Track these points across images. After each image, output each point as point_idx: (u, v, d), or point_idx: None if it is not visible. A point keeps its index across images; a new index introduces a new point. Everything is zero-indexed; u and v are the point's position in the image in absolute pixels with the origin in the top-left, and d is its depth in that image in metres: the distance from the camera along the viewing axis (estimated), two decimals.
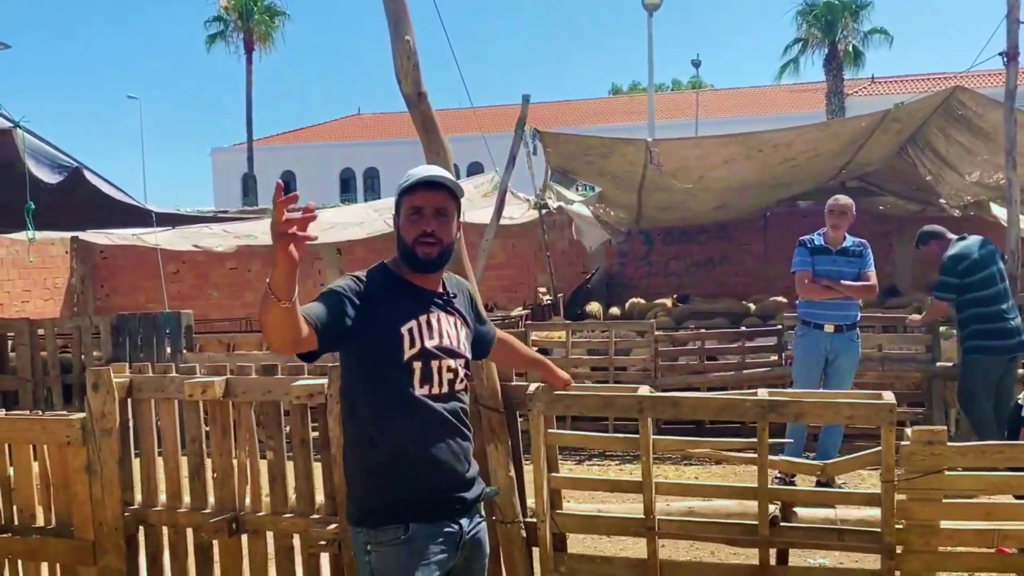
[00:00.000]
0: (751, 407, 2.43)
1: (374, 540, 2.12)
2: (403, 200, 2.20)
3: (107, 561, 3.09)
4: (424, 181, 2.17)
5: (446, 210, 2.19)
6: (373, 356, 2.14)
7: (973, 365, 5.36)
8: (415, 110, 2.62)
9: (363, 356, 2.14)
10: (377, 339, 2.12)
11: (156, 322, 7.48)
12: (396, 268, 2.23)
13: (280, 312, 1.87)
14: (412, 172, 2.22)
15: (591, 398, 2.57)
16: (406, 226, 2.18)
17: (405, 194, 2.19)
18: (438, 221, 2.17)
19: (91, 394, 3.10)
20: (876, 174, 9.43)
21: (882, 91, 31.81)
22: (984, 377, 5.31)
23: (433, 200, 2.17)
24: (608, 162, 7.64)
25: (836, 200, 5.56)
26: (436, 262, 2.20)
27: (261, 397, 3.04)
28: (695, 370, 6.70)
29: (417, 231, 2.15)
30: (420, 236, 2.15)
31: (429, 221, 2.16)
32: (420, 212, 2.16)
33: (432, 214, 2.17)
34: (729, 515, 2.65)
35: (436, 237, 2.16)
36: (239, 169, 35.11)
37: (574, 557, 2.75)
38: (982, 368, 5.33)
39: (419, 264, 2.18)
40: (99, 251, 14.10)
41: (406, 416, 2.13)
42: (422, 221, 2.16)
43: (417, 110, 2.61)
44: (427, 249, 2.16)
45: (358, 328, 2.08)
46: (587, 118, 33.35)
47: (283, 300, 1.86)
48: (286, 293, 1.86)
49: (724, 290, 12.22)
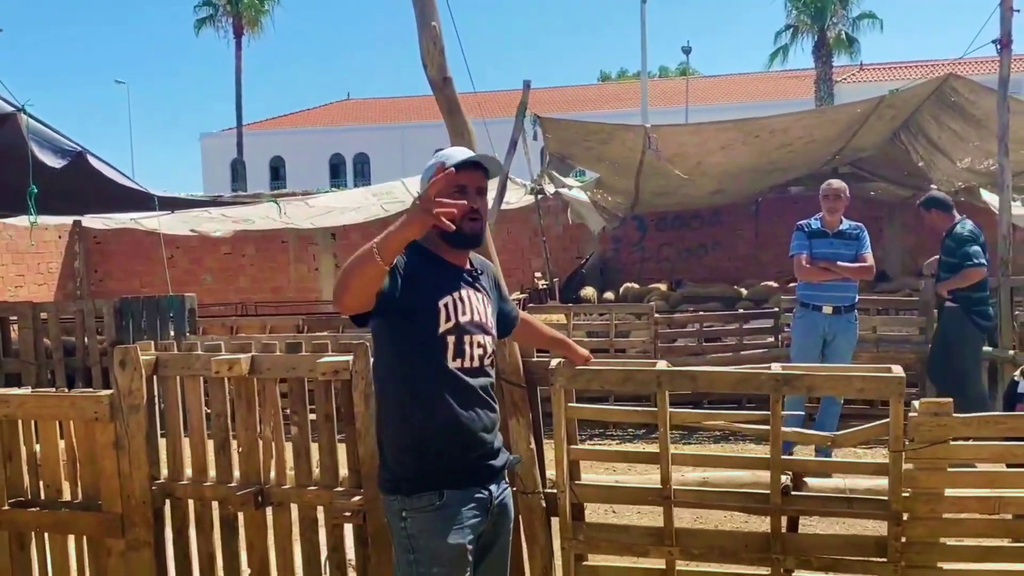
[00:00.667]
0: (766, 380, 2.53)
1: (409, 507, 2.22)
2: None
3: (135, 533, 3.18)
4: (472, 161, 2.27)
5: (484, 189, 2.31)
6: (410, 328, 2.23)
7: (973, 341, 5.52)
8: (440, 94, 2.70)
9: (400, 328, 2.23)
10: (416, 312, 2.21)
11: (159, 306, 7.54)
12: (429, 245, 2.30)
13: (377, 271, 2.01)
14: (448, 153, 2.31)
15: (611, 372, 2.67)
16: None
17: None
18: (480, 199, 2.29)
19: (118, 371, 3.18)
20: (868, 160, 9.57)
21: (871, 78, 31.99)
22: (976, 354, 5.48)
23: (476, 179, 2.28)
24: (607, 148, 7.74)
25: (830, 184, 5.69)
26: (479, 238, 2.31)
27: (286, 373, 3.13)
28: (693, 352, 6.83)
29: (464, 208, 2.21)
30: (468, 212, 2.23)
31: (474, 198, 2.26)
32: (464, 190, 2.24)
33: (475, 192, 2.27)
34: (742, 485, 2.76)
35: (479, 213, 2.27)
36: (228, 155, 35.00)
37: (592, 526, 2.86)
38: (979, 345, 5.51)
39: (465, 240, 2.27)
40: (92, 236, 14.09)
41: (440, 388, 2.23)
42: (468, 199, 2.24)
43: (442, 94, 2.69)
44: (474, 225, 2.26)
45: (402, 299, 2.17)
46: (577, 105, 33.39)
47: (386, 262, 1.99)
48: (390, 257, 2.00)
49: (716, 275, 12.36)
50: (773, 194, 11.68)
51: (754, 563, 2.68)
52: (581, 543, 2.81)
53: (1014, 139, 6.64)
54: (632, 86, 38.37)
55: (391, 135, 35.79)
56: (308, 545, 3.16)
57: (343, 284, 2.06)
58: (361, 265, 2.01)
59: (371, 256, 1.98)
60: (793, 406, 5.49)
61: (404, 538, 2.23)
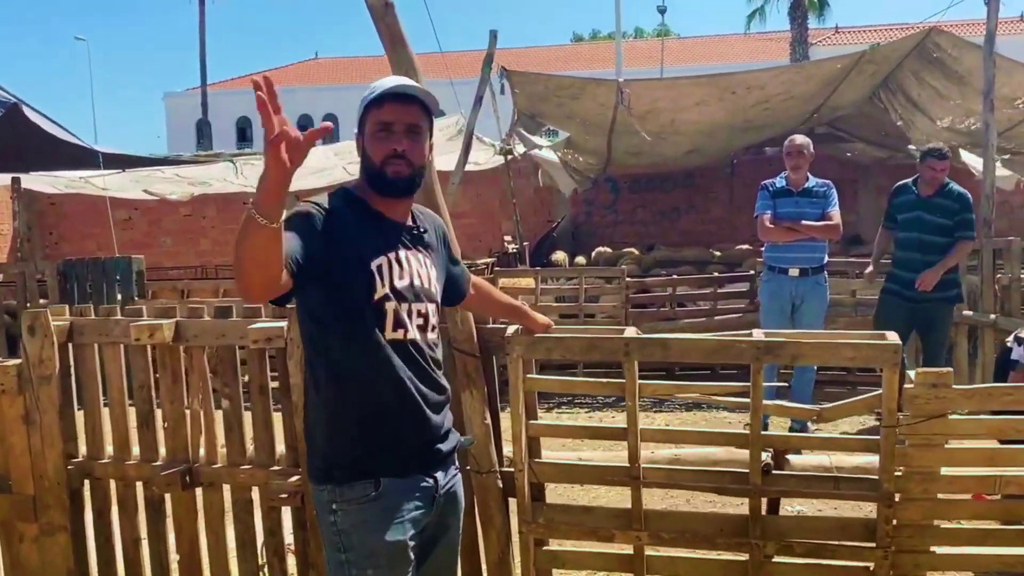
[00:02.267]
0: (746, 349, 2.26)
1: (340, 498, 1.90)
2: (369, 115, 1.92)
3: (49, 517, 2.87)
4: (394, 92, 1.90)
5: (419, 128, 1.94)
6: (338, 296, 1.88)
7: (952, 313, 5.33)
8: (381, 22, 2.37)
9: (326, 296, 1.87)
10: (344, 277, 1.86)
11: (105, 268, 7.15)
12: (361, 194, 1.97)
13: (267, 236, 1.57)
14: (378, 83, 1.96)
15: (574, 340, 2.38)
16: (373, 144, 1.91)
17: (371, 107, 1.92)
18: (409, 139, 1.91)
19: (27, 338, 2.84)
20: (845, 120, 9.33)
21: (846, 41, 31.71)
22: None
23: (404, 115, 1.91)
24: (578, 104, 7.40)
25: (792, 140, 5.42)
26: (408, 184, 1.94)
27: (215, 341, 2.81)
28: (666, 317, 6.59)
29: (386, 150, 1.89)
30: (390, 156, 1.89)
31: (400, 139, 1.90)
32: (389, 128, 1.90)
33: (403, 131, 1.91)
34: (717, 463, 2.51)
35: (407, 158, 1.91)
36: (193, 114, 34.05)
37: (553, 508, 2.59)
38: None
39: (388, 186, 1.92)
40: (46, 197, 13.55)
41: (375, 363, 1.91)
42: (392, 139, 1.90)
43: (383, 22, 2.36)
44: (397, 169, 1.90)
45: (326, 262, 1.82)
46: (550, 65, 32.72)
47: (271, 219, 1.55)
48: (274, 211, 1.56)
49: (690, 239, 12.14)
50: (748, 156, 11.44)
51: (731, 548, 2.44)
52: (541, 526, 2.55)
53: (998, 96, 6.40)
54: (606, 47, 37.83)
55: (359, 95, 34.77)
56: (242, 528, 2.87)
57: (239, 270, 1.62)
58: (245, 236, 1.57)
59: (251, 220, 1.55)
60: (768, 376, 5.29)
61: (334, 534, 1.92)
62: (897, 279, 5.25)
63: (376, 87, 1.94)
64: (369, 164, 1.93)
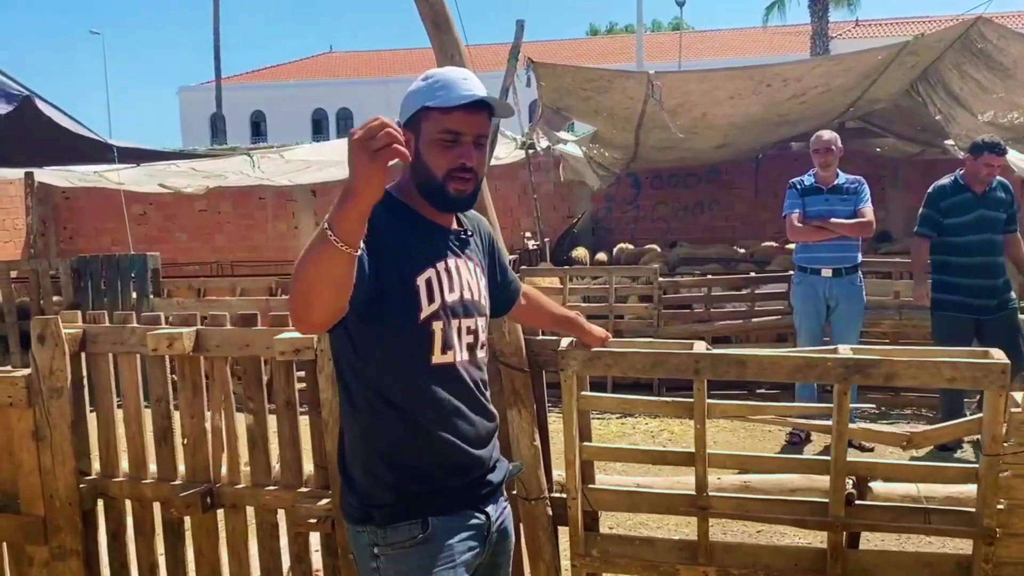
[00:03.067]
0: (833, 367, 2.03)
1: (383, 541, 1.67)
2: (431, 116, 1.66)
3: (60, 540, 2.66)
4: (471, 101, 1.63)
5: (484, 138, 1.70)
6: (381, 315, 1.63)
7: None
8: (425, 4, 2.14)
9: (366, 315, 1.62)
10: (388, 293, 1.62)
11: (120, 265, 6.96)
12: (404, 198, 1.72)
13: (343, 262, 1.37)
14: (442, 77, 1.68)
15: (636, 356, 2.15)
16: (435, 151, 1.66)
17: (436, 111, 1.65)
18: (477, 151, 1.67)
19: (37, 347, 2.64)
20: (880, 114, 9.03)
21: (867, 34, 31.33)
22: None
23: (475, 124, 1.66)
24: (606, 97, 7.14)
25: (819, 136, 5.17)
26: (470, 200, 1.72)
27: (239, 352, 2.59)
28: (700, 318, 6.33)
29: (453, 162, 1.65)
30: (457, 170, 1.65)
31: (469, 152, 1.65)
32: (458, 139, 1.65)
33: (472, 142, 1.66)
34: (794, 491, 2.27)
35: (474, 172, 1.67)
36: (207, 109, 33.94)
37: (609, 538, 2.37)
38: None
39: (449, 203, 1.69)
40: (61, 192, 13.41)
41: (423, 389, 1.68)
42: (460, 150, 1.65)
43: (427, 4, 2.13)
44: (462, 186, 1.67)
45: (376, 283, 1.58)
46: (568, 60, 32.50)
47: (350, 244, 1.35)
48: (355, 235, 1.35)
49: (713, 235, 11.87)
50: (775, 150, 11.16)
51: None
52: (595, 559, 2.32)
53: None
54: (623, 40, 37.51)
55: (375, 89, 34.79)
56: (267, 555, 2.66)
57: (303, 295, 1.41)
58: (321, 259, 1.36)
59: (327, 243, 1.34)
60: (806, 393, 5.04)
61: None
62: (958, 289, 4.81)
63: (444, 84, 1.66)
64: (426, 174, 1.68)
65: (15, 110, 5.96)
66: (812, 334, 5.11)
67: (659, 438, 5.44)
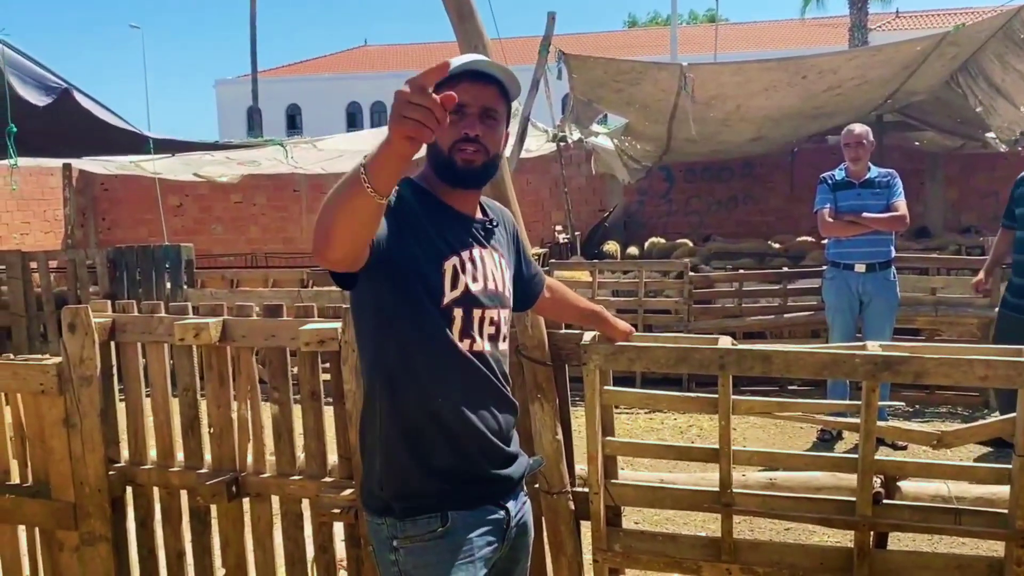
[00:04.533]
0: (860, 364, 1.98)
1: (402, 534, 1.67)
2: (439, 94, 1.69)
3: (90, 525, 2.70)
4: (471, 70, 1.65)
5: (495, 112, 1.69)
6: (402, 298, 1.63)
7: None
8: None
9: (388, 297, 1.64)
10: (410, 276, 1.62)
11: (155, 256, 7.06)
12: (428, 185, 1.73)
13: (369, 205, 1.36)
14: (453, 60, 1.72)
15: (660, 351, 2.12)
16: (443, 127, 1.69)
17: (443, 87, 1.63)
18: (484, 124, 1.67)
19: (67, 336, 2.67)
20: (918, 107, 8.85)
21: (907, 26, 30.74)
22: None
23: (481, 96, 1.66)
24: (638, 89, 7.08)
25: (850, 130, 5.09)
26: (479, 174, 1.70)
27: (264, 342, 2.61)
28: (731, 314, 6.26)
29: (457, 134, 1.65)
30: (460, 140, 1.65)
31: (473, 122, 1.65)
32: (462, 111, 1.64)
33: (478, 114, 1.66)
34: (820, 489, 2.23)
35: (481, 144, 1.66)
36: (244, 102, 34.29)
37: (631, 534, 2.34)
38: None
39: (457, 176, 1.68)
40: (100, 182, 13.63)
41: (444, 377, 1.67)
42: (464, 122, 1.65)
43: None
44: (469, 157, 1.66)
45: (395, 255, 1.59)
46: (604, 52, 32.30)
47: (380, 192, 1.35)
48: (387, 185, 1.36)
49: (747, 229, 11.74)
50: (810, 144, 11.00)
51: None
52: (617, 554, 2.30)
53: None
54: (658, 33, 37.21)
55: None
56: (292, 544, 2.67)
57: (325, 227, 1.41)
58: (347, 196, 1.37)
59: (358, 183, 1.34)
60: (839, 390, 4.96)
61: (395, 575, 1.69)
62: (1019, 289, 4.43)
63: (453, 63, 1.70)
64: (437, 151, 1.69)
65: (54, 102, 6.05)
66: (845, 330, 5.04)
67: (687, 434, 5.39)
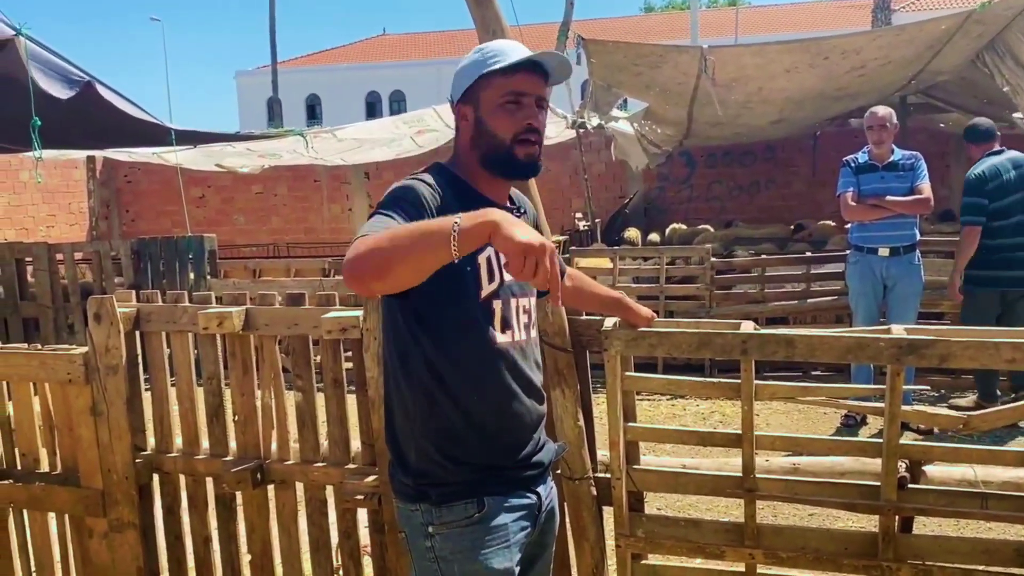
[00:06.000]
0: (885, 347, 1.96)
1: (437, 520, 1.66)
2: (491, 83, 1.66)
3: (118, 512, 2.74)
4: (532, 61, 1.64)
5: (545, 100, 1.69)
6: (440, 293, 1.61)
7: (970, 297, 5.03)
8: None
9: (425, 292, 1.57)
10: (450, 272, 1.56)
11: (178, 247, 7.12)
12: (462, 174, 1.71)
13: (440, 261, 1.36)
14: (495, 47, 1.69)
15: (681, 336, 2.11)
16: (500, 116, 1.65)
17: (495, 75, 1.65)
18: (540, 114, 1.67)
19: (93, 326, 2.70)
20: (943, 87, 8.71)
21: (930, 5, 30.27)
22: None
23: (536, 86, 1.66)
24: (658, 72, 7.03)
25: (873, 113, 5.04)
26: (538, 166, 1.69)
27: (287, 331, 2.63)
28: (754, 299, 6.22)
29: (519, 124, 1.63)
30: (524, 132, 1.63)
31: (534, 112, 1.65)
32: (520, 101, 1.64)
33: (535, 103, 1.66)
34: (844, 473, 2.22)
35: (539, 133, 1.66)
36: (264, 93, 34.45)
37: (654, 519, 2.34)
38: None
39: (519, 168, 1.67)
40: (123, 175, 13.75)
41: (481, 373, 1.66)
42: (524, 112, 1.64)
43: None
44: (530, 149, 1.65)
45: None
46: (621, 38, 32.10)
47: (459, 251, 1.33)
48: (467, 248, 1.34)
49: (770, 215, 11.64)
50: (833, 127, 10.87)
51: (857, 571, 2.15)
52: (640, 540, 2.30)
53: None
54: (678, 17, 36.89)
55: (427, 71, 34.93)
56: (316, 531, 2.70)
57: (381, 262, 1.37)
58: (427, 248, 1.35)
59: (446, 241, 1.32)
60: (863, 374, 4.93)
61: (431, 561, 1.68)
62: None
63: (498, 52, 1.68)
64: (492, 141, 1.67)
65: (77, 95, 6.10)
66: (868, 315, 5.00)
67: (710, 420, 5.38)
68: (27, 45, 5.55)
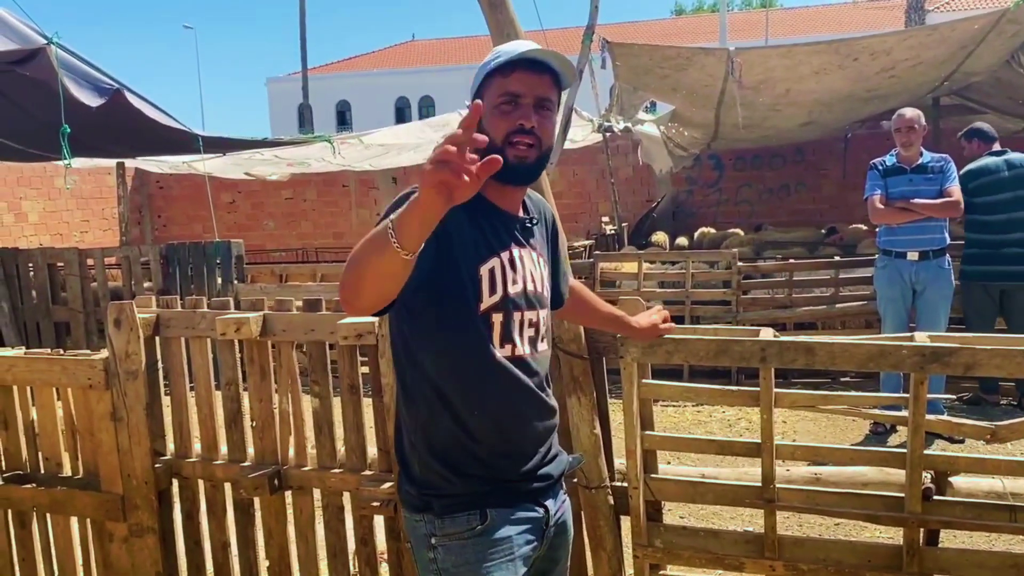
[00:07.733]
0: (908, 355, 1.91)
1: (440, 531, 1.63)
2: (490, 84, 1.61)
3: (137, 517, 2.75)
4: (526, 58, 1.58)
5: (549, 102, 1.61)
6: (440, 305, 1.58)
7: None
8: None
9: (424, 304, 1.58)
10: (449, 282, 1.56)
11: (206, 252, 7.19)
12: None
13: (399, 264, 1.30)
14: (503, 48, 1.64)
15: (699, 343, 2.08)
16: (494, 119, 1.59)
17: (494, 76, 1.60)
18: (539, 115, 1.59)
19: (113, 331, 2.72)
20: (976, 88, 8.55)
21: (964, 6, 29.78)
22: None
23: (535, 86, 1.58)
24: (685, 75, 6.97)
25: (901, 115, 4.95)
26: (532, 171, 1.62)
27: (304, 336, 2.63)
28: (781, 304, 6.14)
29: (510, 125, 1.57)
30: (514, 132, 1.57)
31: (528, 113, 1.57)
32: (516, 101, 1.57)
33: (532, 104, 1.59)
34: (867, 484, 2.16)
35: (535, 136, 1.59)
36: (295, 99, 34.80)
37: (672, 529, 2.30)
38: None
39: (509, 172, 1.54)
40: (155, 181, 13.94)
41: (481, 390, 1.62)
42: (518, 112, 1.57)
43: None
44: (522, 152, 1.58)
45: (433, 269, 1.54)
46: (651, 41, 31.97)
47: (408, 250, 1.28)
48: (415, 242, 1.28)
49: (799, 218, 11.50)
50: (864, 130, 10.72)
51: None
52: (658, 550, 2.27)
53: None
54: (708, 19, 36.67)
55: (457, 77, 35.01)
56: (333, 537, 2.69)
57: (352, 281, 1.36)
58: (374, 254, 1.32)
59: (385, 241, 1.28)
60: (892, 382, 4.83)
61: (434, 573, 1.65)
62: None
63: (501, 52, 1.63)
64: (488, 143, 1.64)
65: (106, 103, 6.19)
66: (897, 320, 4.91)
67: (736, 427, 5.30)
68: (58, 53, 5.64)
